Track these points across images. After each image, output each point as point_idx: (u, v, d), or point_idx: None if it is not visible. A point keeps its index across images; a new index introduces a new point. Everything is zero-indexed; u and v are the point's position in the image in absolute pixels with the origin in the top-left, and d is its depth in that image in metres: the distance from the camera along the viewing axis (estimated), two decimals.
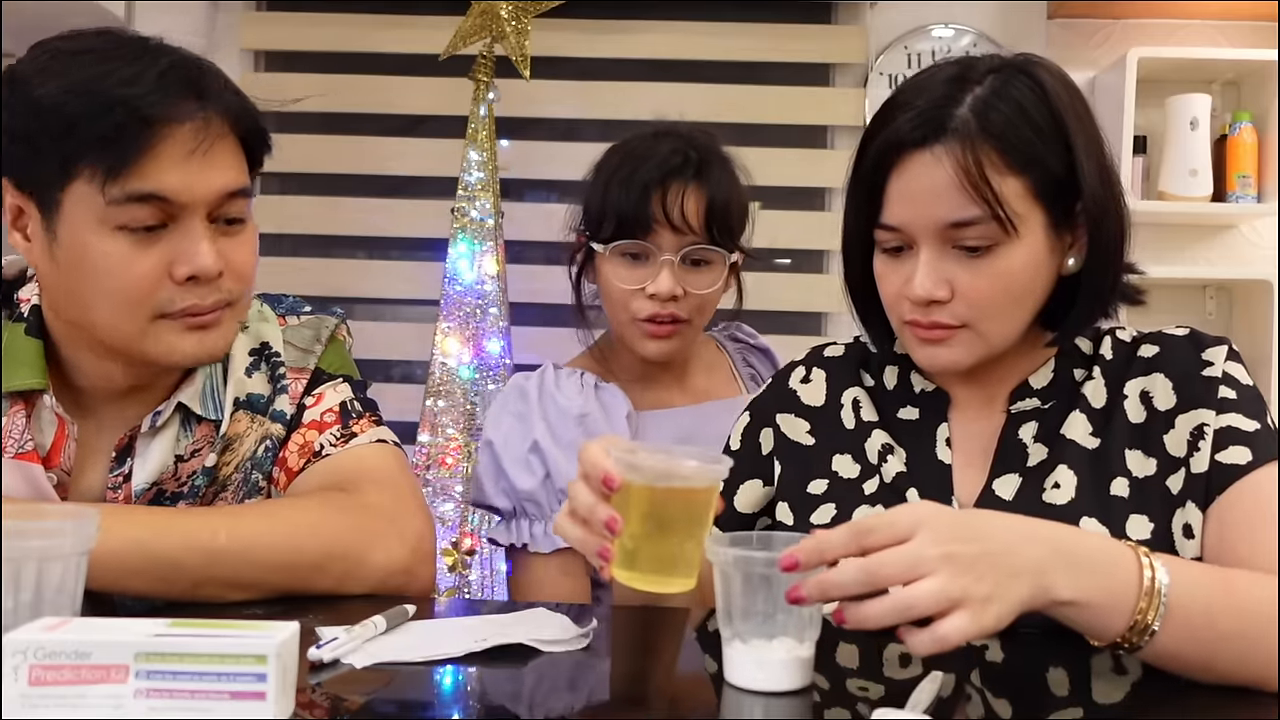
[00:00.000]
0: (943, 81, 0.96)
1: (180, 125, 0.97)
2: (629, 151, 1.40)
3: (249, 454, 1.12)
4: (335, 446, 1.12)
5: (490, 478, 1.39)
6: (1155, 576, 0.77)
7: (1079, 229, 0.98)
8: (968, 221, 0.93)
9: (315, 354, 1.18)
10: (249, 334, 1.15)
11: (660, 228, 1.35)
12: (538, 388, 1.41)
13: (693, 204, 1.35)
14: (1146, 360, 1.02)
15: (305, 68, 2.80)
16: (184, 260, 0.99)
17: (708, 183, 1.36)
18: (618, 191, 1.35)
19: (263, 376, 1.14)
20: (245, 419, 1.12)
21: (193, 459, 1.10)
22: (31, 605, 0.73)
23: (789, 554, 0.73)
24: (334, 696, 0.75)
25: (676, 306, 1.37)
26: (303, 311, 1.21)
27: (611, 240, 1.37)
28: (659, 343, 1.39)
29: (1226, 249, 2.74)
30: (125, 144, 0.95)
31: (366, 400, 1.19)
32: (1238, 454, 0.94)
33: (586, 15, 2.69)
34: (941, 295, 0.96)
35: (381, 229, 2.76)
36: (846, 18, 2.81)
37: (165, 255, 0.99)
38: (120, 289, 0.98)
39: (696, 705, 0.80)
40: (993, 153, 0.93)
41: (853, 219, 1.03)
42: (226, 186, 1.01)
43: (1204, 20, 2.70)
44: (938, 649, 0.71)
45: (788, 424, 1.13)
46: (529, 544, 1.37)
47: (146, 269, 0.98)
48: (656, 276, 1.36)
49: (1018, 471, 1.01)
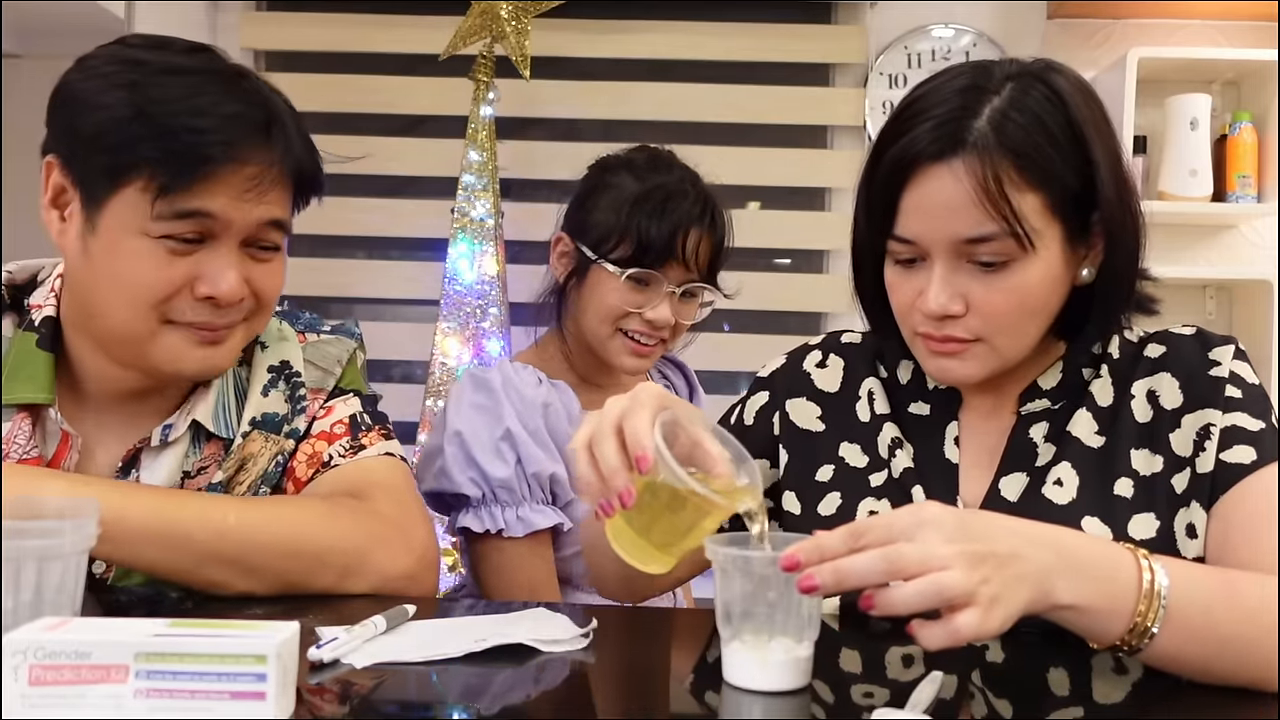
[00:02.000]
0: (959, 90, 0.93)
1: (241, 166, 0.99)
2: (648, 180, 1.47)
3: (261, 472, 1.12)
4: (344, 457, 1.13)
5: (459, 467, 1.42)
6: (1155, 580, 0.77)
7: (1095, 239, 0.96)
8: (984, 238, 0.92)
9: (335, 375, 1.19)
10: (268, 353, 1.16)
11: (675, 263, 1.45)
12: (501, 379, 1.45)
13: (705, 246, 1.48)
14: (1153, 360, 1.01)
15: (305, 68, 2.80)
16: (208, 280, 1.00)
17: (717, 228, 1.49)
18: (645, 222, 1.44)
19: (280, 395, 1.14)
20: (260, 439, 1.12)
21: (199, 475, 1.10)
22: (31, 605, 0.73)
23: (790, 554, 0.73)
24: (334, 696, 0.75)
25: (663, 331, 1.48)
26: (322, 330, 1.22)
27: (628, 265, 1.44)
28: (640, 360, 1.50)
29: (1226, 249, 2.74)
30: (183, 172, 0.96)
31: (377, 414, 1.20)
32: (1242, 453, 0.94)
33: (586, 15, 2.69)
34: (956, 310, 0.94)
35: (381, 229, 2.76)
36: (846, 18, 2.81)
37: (192, 270, 1.00)
38: (141, 290, 0.99)
39: (696, 705, 0.80)
40: (1011, 168, 0.90)
41: (864, 228, 1.01)
42: (268, 217, 1.03)
43: (1204, 20, 2.70)
44: (950, 643, 0.71)
45: (798, 409, 1.12)
46: (503, 529, 1.40)
47: (172, 277, 0.99)
48: (658, 305, 1.46)
49: (1025, 471, 1.00)
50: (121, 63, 0.99)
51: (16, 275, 1.12)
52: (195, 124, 0.97)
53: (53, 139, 1.02)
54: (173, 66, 0.99)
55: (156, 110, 0.96)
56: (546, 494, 1.43)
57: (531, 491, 1.41)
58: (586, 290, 1.48)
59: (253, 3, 2.83)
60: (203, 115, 0.97)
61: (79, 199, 1.00)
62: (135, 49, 1.01)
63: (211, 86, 0.99)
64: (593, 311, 1.47)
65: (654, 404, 0.81)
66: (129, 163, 0.96)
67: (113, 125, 0.97)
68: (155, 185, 0.96)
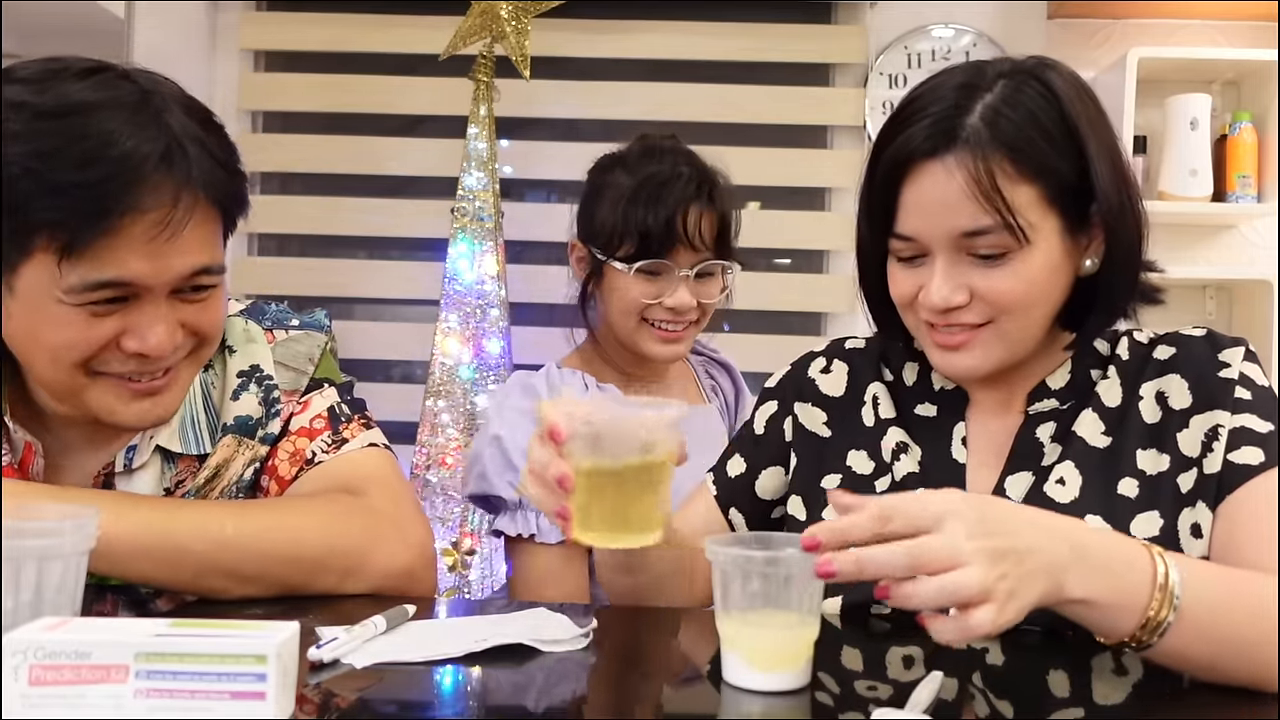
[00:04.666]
0: (953, 88, 0.96)
1: (144, 213, 0.89)
2: (640, 173, 1.47)
3: (235, 478, 1.09)
4: (328, 453, 1.10)
5: (497, 470, 1.42)
6: (1169, 576, 0.77)
7: (1096, 230, 0.97)
8: (981, 230, 0.93)
9: (308, 374, 1.14)
10: (236, 357, 1.11)
11: (680, 247, 1.46)
12: (546, 384, 1.46)
13: (707, 224, 1.47)
14: (1162, 362, 1.02)
15: (305, 68, 2.80)
16: (136, 336, 0.94)
17: (717, 202, 1.48)
18: (642, 214, 1.44)
19: (253, 398, 1.10)
20: (233, 443, 1.08)
21: (177, 489, 1.07)
22: (31, 605, 0.73)
23: (811, 533, 0.72)
24: (334, 696, 0.75)
25: (688, 314, 1.48)
26: (290, 325, 1.16)
27: (634, 259, 1.46)
28: (671, 345, 1.50)
29: (1226, 249, 2.74)
30: (81, 230, 0.87)
31: (354, 401, 1.16)
32: (1250, 454, 0.94)
33: (586, 15, 2.68)
34: (959, 301, 0.96)
35: (381, 229, 2.76)
36: (846, 18, 2.81)
37: (118, 326, 0.93)
38: (63, 351, 0.93)
39: (696, 705, 0.80)
40: (1005, 162, 0.92)
41: (866, 228, 1.03)
42: (193, 268, 0.94)
43: (1204, 20, 2.69)
44: (963, 638, 0.71)
45: (805, 413, 1.13)
46: (535, 534, 1.40)
47: (95, 337, 0.93)
48: (675, 291, 1.46)
49: (1031, 470, 1.01)
50: (8, 106, 0.90)
51: None
52: (83, 177, 0.87)
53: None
54: (57, 107, 0.89)
55: (40, 165, 0.87)
56: None
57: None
58: (606, 290, 1.50)
59: (253, 3, 2.82)
60: (90, 164, 0.87)
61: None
62: (20, 85, 0.91)
63: (99, 124, 0.88)
64: (616, 309, 1.50)
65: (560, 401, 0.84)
66: (27, 225, 0.88)
67: (11, 181, 0.88)
68: (55, 248, 0.88)
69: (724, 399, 1.69)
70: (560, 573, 1.40)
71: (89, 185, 0.87)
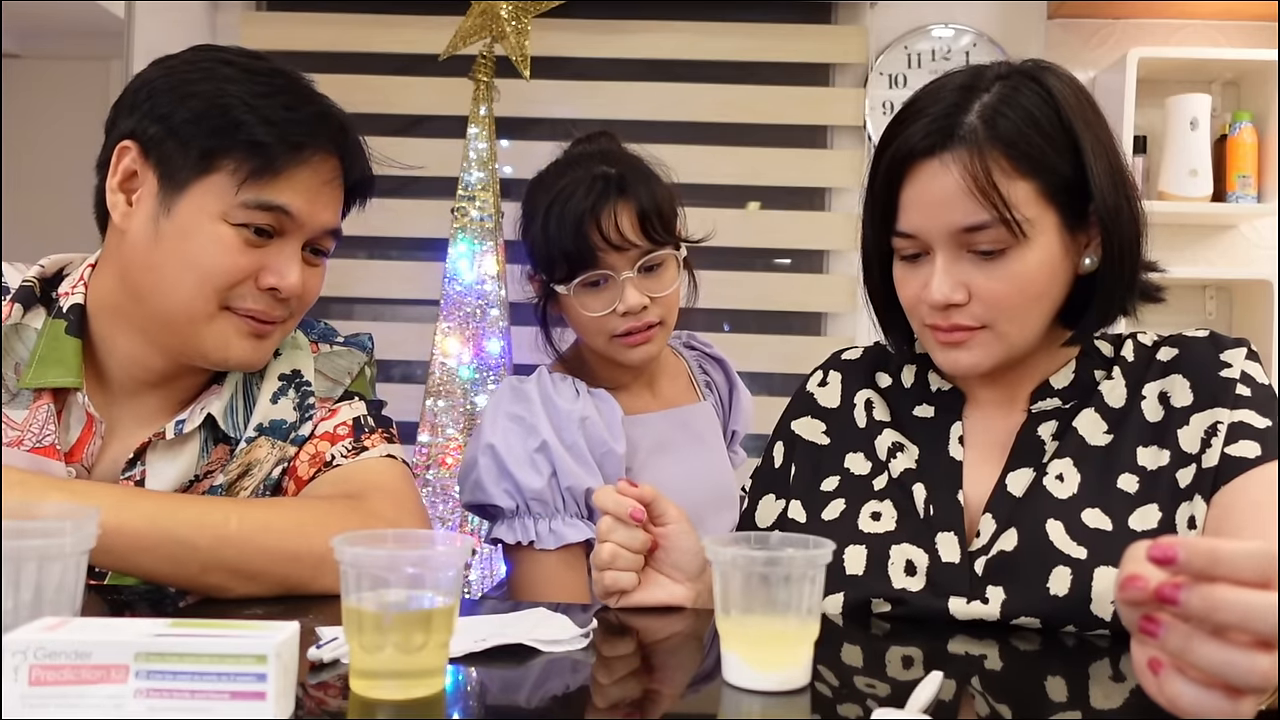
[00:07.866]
0: (952, 90, 0.98)
1: (323, 161, 1.08)
2: (551, 190, 1.44)
3: (265, 475, 1.13)
4: (346, 458, 1.14)
5: (493, 479, 1.40)
6: None
7: (1094, 228, 0.98)
8: (978, 226, 0.95)
9: (344, 385, 1.20)
10: (280, 360, 1.17)
11: (607, 253, 1.40)
12: (539, 392, 1.44)
13: (627, 221, 1.40)
14: (1165, 363, 1.03)
15: (305, 68, 2.75)
16: (274, 273, 1.06)
17: (633, 195, 1.41)
18: (555, 232, 1.41)
19: (289, 403, 1.16)
20: (266, 444, 1.14)
21: (205, 479, 1.11)
22: (31, 605, 0.73)
23: (1170, 547, 0.58)
24: (334, 696, 0.75)
25: (647, 313, 1.43)
26: (335, 340, 1.24)
27: (569, 279, 1.42)
28: (641, 349, 1.45)
29: (1226, 249, 2.74)
30: (274, 159, 1.03)
31: (381, 417, 1.21)
32: (1247, 448, 0.95)
33: (586, 15, 2.69)
34: (958, 298, 0.97)
35: (381, 229, 2.76)
36: (846, 18, 2.81)
37: (260, 261, 1.06)
38: (211, 273, 1.04)
39: (696, 705, 0.80)
40: (1001, 158, 0.94)
41: (869, 228, 1.05)
42: (331, 224, 1.12)
43: (1204, 20, 2.70)
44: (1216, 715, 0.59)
45: (804, 426, 1.16)
46: (535, 541, 1.39)
47: (242, 265, 1.05)
48: (622, 295, 1.40)
49: (1032, 466, 1.02)
50: (214, 61, 1.06)
51: (47, 269, 1.14)
52: (289, 116, 1.05)
53: (136, 125, 1.05)
54: (258, 69, 1.07)
55: (253, 101, 1.04)
56: (581, 508, 1.40)
57: (565, 505, 1.39)
58: (565, 311, 1.48)
59: (253, 2, 2.83)
60: (295, 110, 1.05)
61: (157, 182, 1.04)
62: (221, 52, 1.09)
63: (295, 90, 1.08)
64: (579, 328, 1.47)
65: None
66: (223, 147, 1.02)
67: (212, 111, 1.03)
68: (246, 170, 1.03)
69: (718, 394, 1.68)
70: (560, 578, 1.39)
71: (293, 124, 1.05)
